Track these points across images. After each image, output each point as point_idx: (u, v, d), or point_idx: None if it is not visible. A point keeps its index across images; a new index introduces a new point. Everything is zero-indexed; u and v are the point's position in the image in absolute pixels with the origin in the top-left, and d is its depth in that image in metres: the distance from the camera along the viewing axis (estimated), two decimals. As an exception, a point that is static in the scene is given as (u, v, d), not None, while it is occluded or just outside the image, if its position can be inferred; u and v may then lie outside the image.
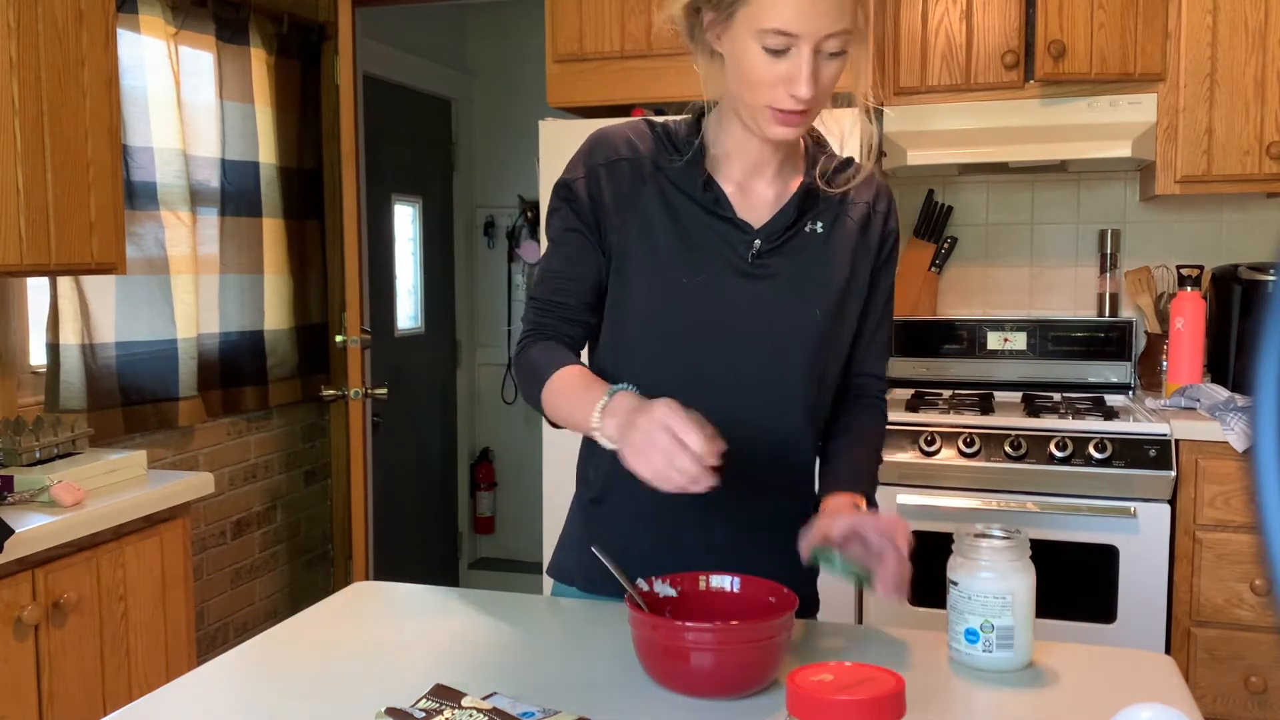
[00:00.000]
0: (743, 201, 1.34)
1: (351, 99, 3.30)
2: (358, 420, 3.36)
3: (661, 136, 1.37)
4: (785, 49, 1.20)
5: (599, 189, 1.34)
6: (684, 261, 1.32)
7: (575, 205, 1.36)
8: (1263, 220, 3.08)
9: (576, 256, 1.36)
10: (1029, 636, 1.16)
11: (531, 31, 4.42)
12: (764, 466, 1.34)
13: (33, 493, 2.12)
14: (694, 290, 1.31)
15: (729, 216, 1.32)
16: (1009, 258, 3.27)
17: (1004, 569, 1.15)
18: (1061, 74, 2.76)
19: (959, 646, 1.17)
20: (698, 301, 1.31)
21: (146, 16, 2.82)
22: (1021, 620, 1.15)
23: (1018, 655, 1.15)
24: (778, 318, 1.32)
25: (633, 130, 1.38)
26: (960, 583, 1.16)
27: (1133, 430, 2.53)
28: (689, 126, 1.37)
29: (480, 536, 4.84)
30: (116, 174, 2.41)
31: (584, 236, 1.35)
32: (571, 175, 1.37)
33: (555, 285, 1.36)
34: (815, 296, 1.33)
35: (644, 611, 1.14)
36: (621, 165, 1.35)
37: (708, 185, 1.32)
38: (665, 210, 1.33)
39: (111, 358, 2.77)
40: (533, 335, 1.37)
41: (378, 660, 1.22)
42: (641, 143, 1.36)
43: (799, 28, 1.18)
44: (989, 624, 1.14)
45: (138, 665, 2.23)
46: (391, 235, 4.15)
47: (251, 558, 3.39)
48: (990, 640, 1.14)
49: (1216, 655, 2.53)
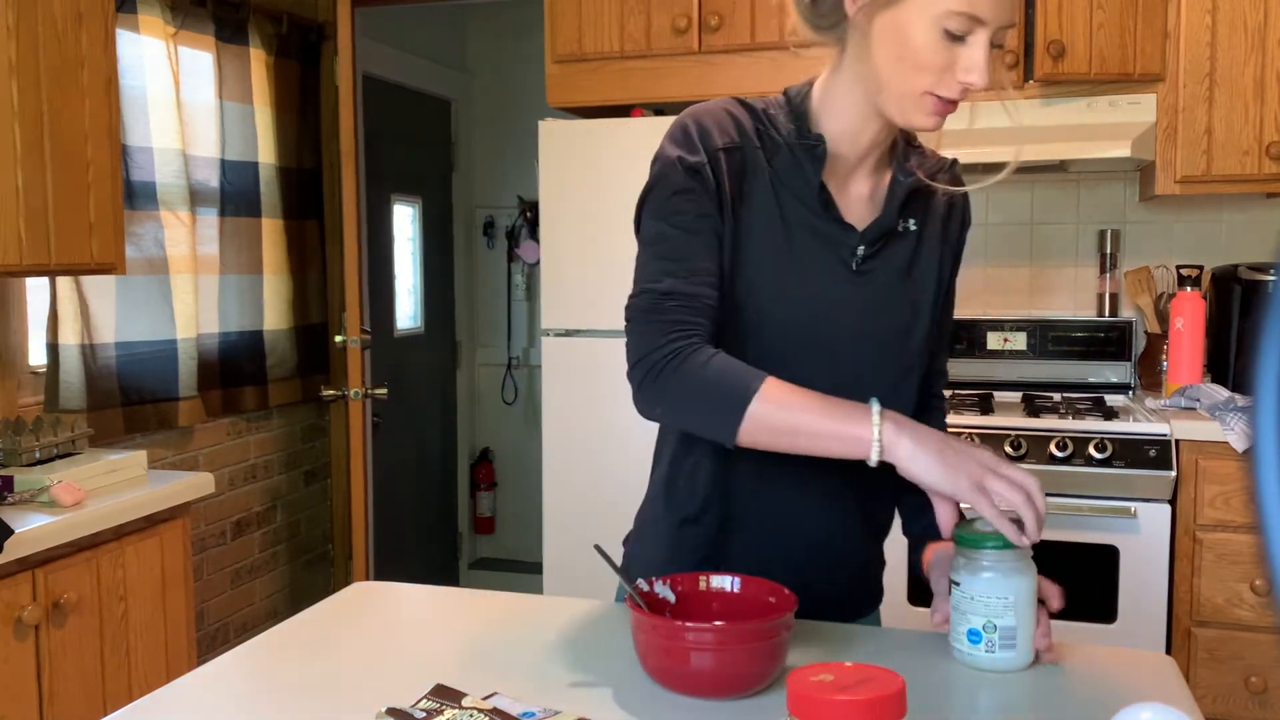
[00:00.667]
0: (842, 200, 1.28)
1: (351, 99, 3.30)
2: (358, 420, 3.36)
3: (766, 124, 1.26)
4: (966, 34, 1.14)
5: (721, 176, 1.21)
6: (791, 265, 1.24)
7: (707, 189, 1.21)
8: (1263, 220, 3.08)
9: (715, 247, 1.21)
10: (1031, 635, 1.16)
11: (531, 31, 4.43)
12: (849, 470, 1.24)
13: (33, 493, 2.12)
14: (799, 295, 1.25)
15: (838, 219, 1.26)
16: (1009, 258, 3.27)
17: (1006, 569, 1.15)
18: (1061, 74, 2.75)
19: (961, 647, 1.17)
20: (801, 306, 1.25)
21: (146, 17, 2.82)
22: (1024, 620, 1.15)
23: (1020, 655, 1.15)
24: (880, 321, 1.27)
25: (734, 113, 1.25)
26: (962, 583, 1.16)
27: (1133, 430, 2.53)
28: (789, 115, 1.26)
29: (480, 536, 4.84)
30: (116, 174, 2.41)
31: (717, 225, 1.22)
32: (693, 156, 1.21)
33: (702, 280, 1.20)
34: (913, 296, 1.29)
35: (644, 611, 1.14)
36: (736, 154, 1.23)
37: (822, 188, 1.25)
38: (775, 207, 1.24)
39: (111, 358, 2.77)
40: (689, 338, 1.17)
41: (378, 660, 1.21)
42: (749, 130, 1.25)
43: (988, 13, 1.13)
44: (991, 624, 1.14)
45: (138, 665, 2.23)
46: (391, 235, 4.15)
47: (251, 558, 3.39)
48: (993, 640, 1.14)
49: (1217, 655, 2.53)
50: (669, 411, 1.20)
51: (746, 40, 2.91)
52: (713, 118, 1.24)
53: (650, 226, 1.23)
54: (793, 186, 1.24)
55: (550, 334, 2.99)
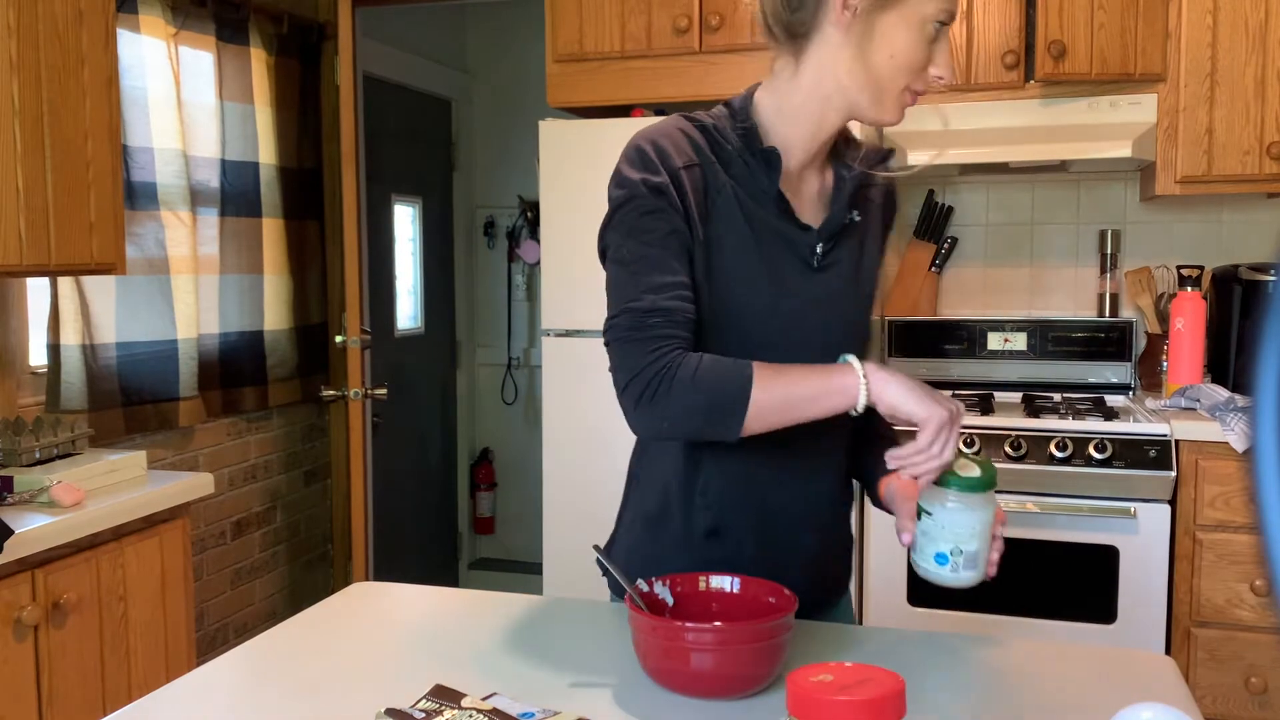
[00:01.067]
0: (796, 201, 1.33)
1: (351, 99, 3.30)
2: (357, 420, 3.36)
3: (716, 139, 1.30)
4: (940, 33, 1.25)
5: (685, 193, 1.25)
6: (761, 271, 1.29)
7: (674, 206, 1.25)
8: (1263, 220, 3.08)
9: (687, 262, 1.26)
10: (987, 558, 1.26)
11: (531, 31, 4.43)
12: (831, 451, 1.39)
13: (33, 493, 2.12)
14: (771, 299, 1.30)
15: (796, 221, 1.31)
16: (1009, 258, 3.27)
17: (974, 502, 1.23)
18: (1062, 74, 2.76)
19: (927, 566, 1.25)
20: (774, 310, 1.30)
21: (146, 16, 2.82)
22: (984, 544, 1.25)
23: (978, 573, 1.25)
24: (840, 312, 1.35)
25: (688, 132, 1.29)
26: (934, 513, 1.24)
27: (1133, 430, 2.53)
28: (734, 125, 1.31)
29: (480, 536, 4.84)
30: (116, 174, 2.41)
31: (686, 240, 1.26)
32: (656, 176, 1.25)
33: (679, 295, 1.24)
34: (864, 284, 1.38)
35: (644, 611, 1.14)
36: (696, 171, 1.27)
37: (780, 195, 1.29)
38: (740, 218, 1.28)
39: (112, 358, 2.77)
40: (676, 348, 1.21)
41: (378, 660, 1.21)
42: (704, 147, 1.29)
43: (954, 12, 1.25)
44: (958, 549, 1.23)
45: (138, 665, 2.23)
46: (391, 235, 4.15)
47: (251, 558, 3.39)
48: (958, 563, 1.24)
49: (1216, 655, 2.53)
50: (673, 425, 1.21)
51: (747, 40, 2.91)
52: (668, 139, 1.27)
53: (623, 248, 1.26)
54: (754, 195, 1.29)
55: (550, 334, 2.99)
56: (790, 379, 1.20)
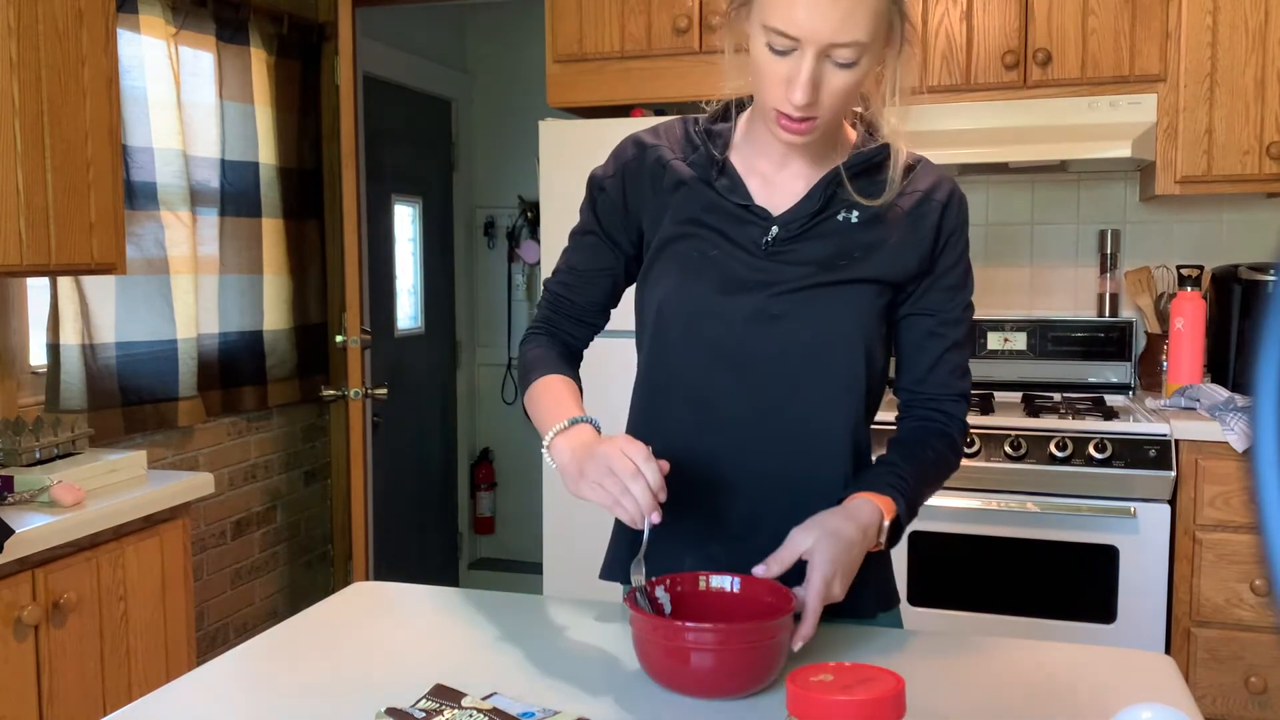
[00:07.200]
0: (765, 190, 1.31)
1: (351, 99, 3.30)
2: (357, 420, 3.36)
3: (691, 132, 1.36)
4: (788, 50, 1.16)
5: (626, 186, 1.36)
6: (698, 251, 1.31)
7: (602, 203, 1.39)
8: (1263, 220, 3.08)
9: (593, 255, 1.40)
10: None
11: (531, 31, 4.43)
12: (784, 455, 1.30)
13: (33, 493, 2.12)
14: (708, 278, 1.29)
15: (745, 204, 1.30)
16: (1009, 258, 3.27)
17: None
18: (1050, 80, 2.77)
19: None
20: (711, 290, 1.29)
21: (146, 16, 2.82)
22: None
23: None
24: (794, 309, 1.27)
25: (665, 127, 1.38)
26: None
27: (1133, 430, 2.53)
28: (717, 118, 1.37)
29: (480, 536, 4.84)
30: (116, 174, 2.41)
31: (601, 237, 1.39)
32: (603, 172, 1.39)
33: (570, 282, 1.42)
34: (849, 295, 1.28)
35: (644, 612, 1.14)
36: (649, 161, 1.35)
37: (722, 170, 1.31)
38: (687, 202, 1.32)
39: (111, 358, 2.77)
40: (540, 331, 1.44)
41: (378, 660, 1.21)
42: (669, 138, 1.36)
43: (800, 31, 1.14)
44: None
45: (138, 665, 2.23)
46: (391, 235, 4.15)
47: (251, 558, 3.39)
48: None
49: (1216, 655, 2.53)
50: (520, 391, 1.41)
51: (747, 40, 2.90)
52: (641, 134, 1.38)
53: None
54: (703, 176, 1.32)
55: (550, 334, 2.99)
56: (541, 398, 1.33)
